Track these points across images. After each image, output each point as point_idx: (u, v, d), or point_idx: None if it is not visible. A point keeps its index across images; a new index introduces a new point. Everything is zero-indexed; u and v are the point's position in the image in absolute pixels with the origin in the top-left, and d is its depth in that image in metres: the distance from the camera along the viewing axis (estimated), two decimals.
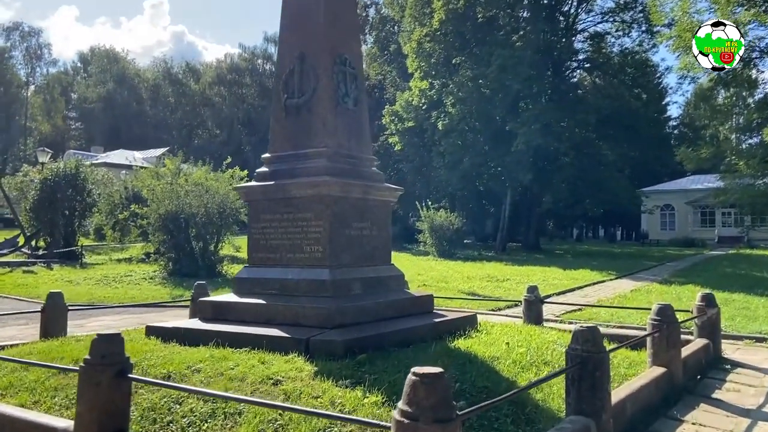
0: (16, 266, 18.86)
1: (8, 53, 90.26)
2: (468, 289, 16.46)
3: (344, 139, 7.29)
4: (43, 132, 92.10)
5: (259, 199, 7.31)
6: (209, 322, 6.93)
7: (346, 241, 6.95)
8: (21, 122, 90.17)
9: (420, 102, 35.71)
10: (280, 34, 7.75)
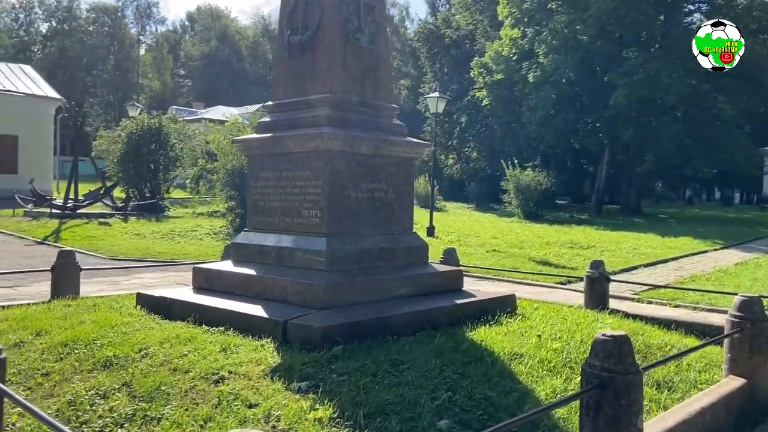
0: (94, 218, 19.34)
1: (120, 12, 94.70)
2: (542, 257, 14.93)
3: (354, 84, 6.13)
4: (153, 89, 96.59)
5: (256, 155, 6.36)
6: (200, 292, 6.15)
7: (352, 205, 5.87)
8: (134, 79, 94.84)
9: (510, 52, 33.28)
10: None
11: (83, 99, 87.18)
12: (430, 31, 44.52)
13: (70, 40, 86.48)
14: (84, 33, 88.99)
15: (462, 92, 41.38)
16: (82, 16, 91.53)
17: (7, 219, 19.19)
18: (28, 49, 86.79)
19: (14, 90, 31.31)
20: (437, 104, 19.40)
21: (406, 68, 66.84)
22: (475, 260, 13.69)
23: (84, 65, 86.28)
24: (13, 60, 53.86)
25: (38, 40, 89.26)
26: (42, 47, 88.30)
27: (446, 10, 48.88)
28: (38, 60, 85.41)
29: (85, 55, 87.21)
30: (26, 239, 15.54)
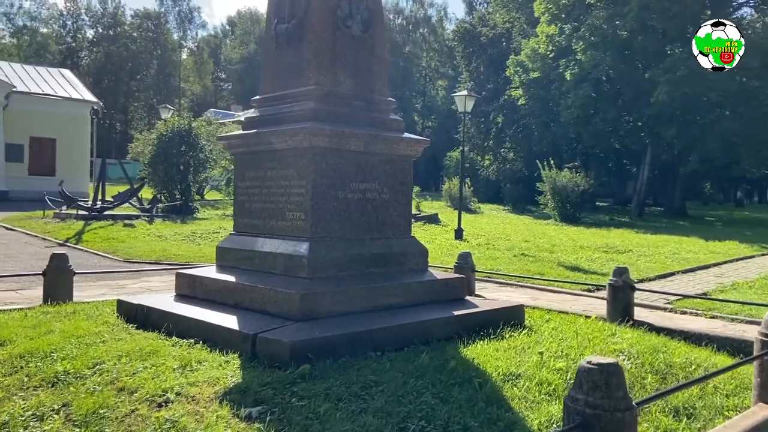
0: (120, 219, 19.36)
1: (163, 17, 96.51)
2: (572, 262, 14.17)
3: (345, 75, 5.65)
4: (194, 92, 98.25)
5: (241, 153, 5.94)
6: (181, 300, 5.76)
7: (340, 207, 5.39)
8: (175, 83, 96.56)
9: (547, 50, 32.26)
10: None
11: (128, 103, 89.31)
12: (466, 30, 43.72)
13: (115, 45, 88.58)
14: (128, 38, 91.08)
15: (498, 92, 40.47)
16: (126, 22, 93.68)
17: (37, 220, 19.38)
18: (76, 54, 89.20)
19: (53, 94, 31.93)
20: (465, 102, 18.77)
21: (443, 69, 66.13)
22: (500, 265, 13.06)
23: (128, 70, 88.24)
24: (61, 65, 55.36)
25: (85, 45, 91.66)
26: (89, 53, 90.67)
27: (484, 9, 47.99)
28: (85, 65, 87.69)
29: (130, 60, 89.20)
30: (49, 241, 15.57)
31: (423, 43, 67.57)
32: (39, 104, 31.16)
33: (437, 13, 68.34)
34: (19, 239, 15.93)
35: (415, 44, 67.28)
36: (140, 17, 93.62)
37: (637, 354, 5.22)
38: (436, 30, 67.12)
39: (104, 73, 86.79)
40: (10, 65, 34.54)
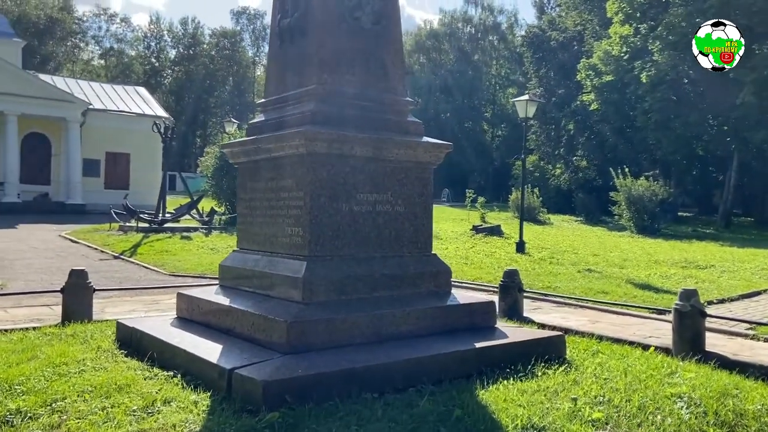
0: (179, 232, 19.52)
1: (239, 35, 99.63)
2: (644, 279, 12.89)
3: (352, 73, 5.01)
4: None
5: (243, 162, 5.40)
6: (179, 323, 5.28)
7: (344, 221, 4.74)
8: (250, 99, 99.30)
9: (621, 51, 30.50)
10: None
11: (206, 119, 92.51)
12: (535, 35, 42.28)
13: (194, 64, 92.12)
14: (206, 57, 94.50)
15: (569, 97, 38.78)
16: (205, 41, 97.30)
17: (102, 233, 19.83)
18: (159, 74, 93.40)
19: (127, 110, 33.10)
20: (527, 108, 17.76)
21: (514, 76, 64.51)
22: (561, 282, 12.01)
23: (206, 87, 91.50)
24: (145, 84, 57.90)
25: (167, 65, 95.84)
26: (170, 72, 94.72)
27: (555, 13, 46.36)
28: (167, 84, 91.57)
29: (208, 78, 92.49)
30: (106, 253, 15.74)
31: (492, 50, 66.13)
32: (114, 121, 32.39)
33: (507, 20, 66.84)
34: (78, 252, 16.22)
35: (484, 52, 65.95)
36: (217, 36, 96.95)
37: (699, 400, 4.26)
38: (506, 37, 65.56)
39: (184, 91, 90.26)
40: (89, 84, 36.16)
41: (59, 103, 29.42)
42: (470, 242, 19.66)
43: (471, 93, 62.44)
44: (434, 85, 62.48)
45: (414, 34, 70.49)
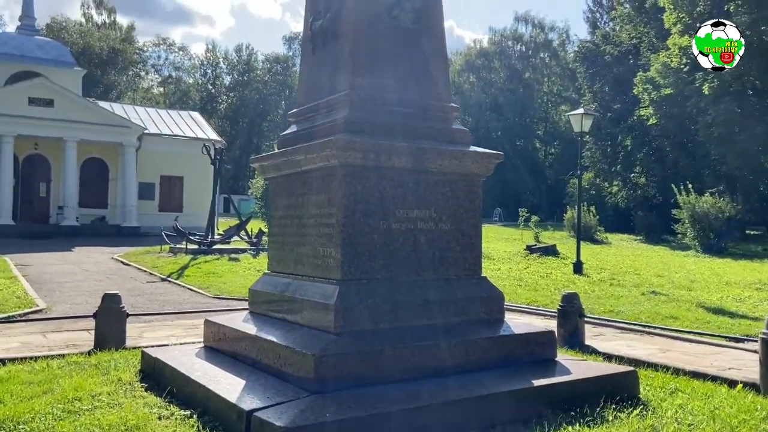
0: (227, 253, 19.44)
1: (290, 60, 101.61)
2: (715, 302, 11.86)
3: (390, 77, 4.54)
4: None
5: (273, 177, 4.98)
6: (205, 353, 4.86)
7: (382, 240, 4.24)
8: None
9: (680, 63, 29.14)
10: None
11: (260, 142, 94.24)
12: (589, 50, 41.15)
13: (248, 89, 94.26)
14: (260, 83, 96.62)
15: (625, 112, 37.41)
16: (258, 67, 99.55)
17: (153, 255, 19.94)
18: (214, 100, 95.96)
19: (181, 134, 33.73)
20: (582, 121, 16.95)
21: (566, 93, 63.16)
22: (624, 305, 11.15)
23: (260, 111, 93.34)
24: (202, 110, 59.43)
25: (222, 91, 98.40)
26: (226, 98, 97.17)
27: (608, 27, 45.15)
28: (222, 109, 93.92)
29: (261, 103, 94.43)
30: (154, 276, 15.70)
31: (544, 68, 64.99)
32: (169, 145, 33.01)
33: (558, 37, 65.61)
34: (127, 274, 16.24)
35: (535, 70, 64.87)
36: (270, 62, 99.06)
37: None
38: (557, 54, 64.36)
39: (239, 116, 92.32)
40: (145, 110, 37.15)
41: (116, 129, 30.19)
42: (524, 263, 18.83)
43: (522, 111, 61.39)
44: (484, 103, 61.78)
45: (463, 54, 70.07)
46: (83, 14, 77.00)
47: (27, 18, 34.27)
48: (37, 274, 15.63)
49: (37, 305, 11.03)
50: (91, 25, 76.27)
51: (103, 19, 78.90)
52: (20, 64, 31.28)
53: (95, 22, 77.72)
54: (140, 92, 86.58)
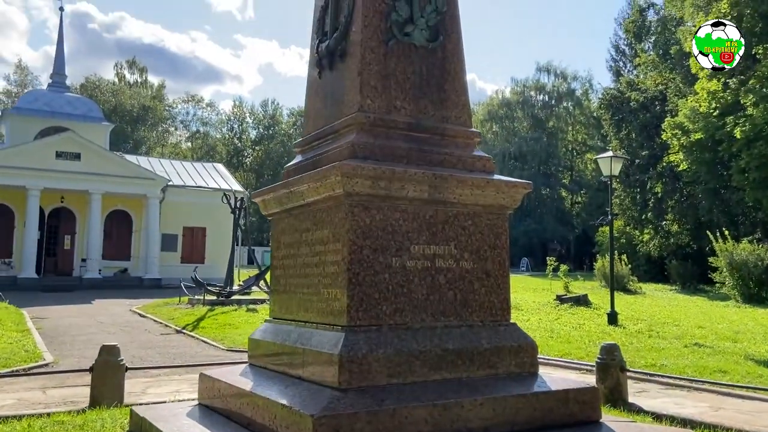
0: (245, 304, 18.97)
1: None
2: (765, 354, 10.92)
3: (403, 98, 4.09)
4: None
5: (275, 213, 4.50)
6: (198, 411, 4.29)
7: (394, 281, 3.69)
8: None
9: (709, 108, 28.52)
10: None
11: None
12: (614, 97, 40.78)
13: (273, 142, 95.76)
14: (284, 136, 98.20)
15: (654, 158, 36.66)
16: (283, 121, 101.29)
17: (172, 306, 19.55)
18: (240, 153, 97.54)
19: (205, 186, 33.85)
20: (611, 165, 16.37)
21: (591, 141, 62.68)
22: (666, 358, 10.28)
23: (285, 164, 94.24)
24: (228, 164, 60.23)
25: (248, 145, 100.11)
26: (251, 151, 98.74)
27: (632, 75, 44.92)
28: (248, 163, 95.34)
29: (286, 155, 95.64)
30: (169, 328, 15.23)
31: (567, 116, 64.77)
32: (192, 196, 33.12)
33: (581, 86, 65.60)
34: (142, 326, 15.80)
35: (559, 119, 64.68)
36: (295, 115, 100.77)
37: None
38: (581, 102, 64.19)
39: (264, 168, 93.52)
40: (170, 162, 37.55)
41: (141, 181, 30.40)
42: (554, 313, 17.95)
43: (547, 159, 60.96)
44: (508, 152, 61.50)
45: (486, 104, 70.35)
46: (116, 74, 79.56)
47: (58, 75, 35.26)
48: (52, 327, 15.29)
49: (44, 359, 10.61)
50: (123, 84, 78.68)
51: (135, 79, 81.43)
52: (50, 119, 31.99)
53: (127, 81, 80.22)
54: (169, 147, 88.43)
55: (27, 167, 27.18)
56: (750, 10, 27.22)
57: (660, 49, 39.31)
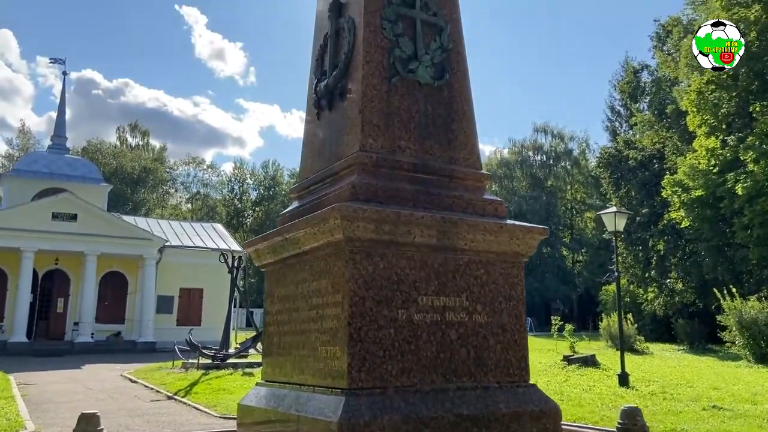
0: (241, 367, 18.24)
1: None
2: None
3: (408, 138, 3.80)
4: None
5: (269, 263, 4.14)
6: None
7: (399, 336, 3.30)
8: None
9: (708, 165, 28.50)
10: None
11: None
12: (611, 155, 40.97)
13: (274, 203, 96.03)
14: (285, 196, 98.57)
15: (655, 216, 36.43)
16: (284, 181, 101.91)
17: (165, 371, 18.81)
18: (241, 214, 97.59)
19: (203, 246, 33.47)
20: (615, 221, 16.06)
21: (590, 200, 62.78)
22: (685, 423, 9.69)
23: None
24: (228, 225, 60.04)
25: (248, 206, 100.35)
26: (252, 212, 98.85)
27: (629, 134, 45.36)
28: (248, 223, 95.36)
29: None
30: (161, 393, 14.51)
31: (566, 176, 65.17)
32: (189, 256, 32.66)
33: (579, 146, 66.29)
34: (132, 392, 15.08)
35: (557, 178, 65.06)
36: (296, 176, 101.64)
37: None
38: (578, 162, 64.74)
39: (265, 229, 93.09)
40: (168, 222, 37.29)
41: (138, 242, 30.03)
42: (562, 374, 17.25)
43: (547, 218, 60.82)
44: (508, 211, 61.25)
45: (485, 164, 70.55)
46: (118, 137, 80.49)
47: (58, 138, 35.44)
48: (38, 393, 14.59)
49: (26, 428, 9.98)
50: (125, 147, 79.46)
51: (137, 142, 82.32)
52: (48, 181, 31.90)
53: (129, 144, 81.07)
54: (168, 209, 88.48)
55: (22, 229, 26.87)
56: (745, 68, 27.57)
57: (655, 108, 39.78)
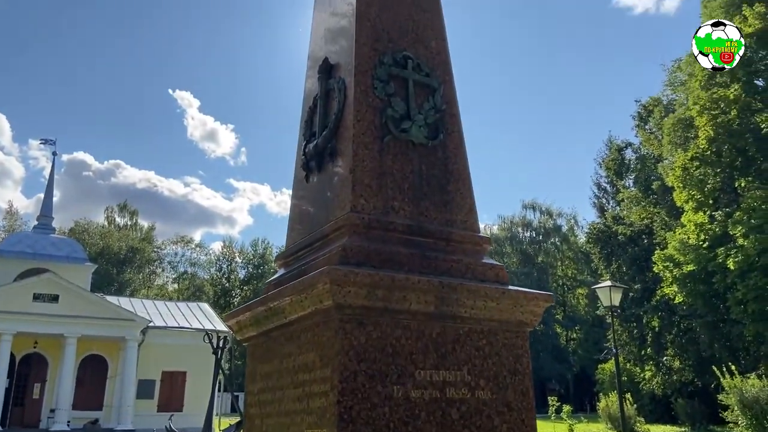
0: None
1: None
2: None
3: (401, 199, 3.58)
4: None
5: (252, 337, 3.80)
6: None
7: (395, 416, 2.94)
8: None
9: (698, 240, 28.58)
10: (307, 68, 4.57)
11: None
12: (601, 231, 41.16)
13: (262, 281, 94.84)
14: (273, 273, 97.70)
15: (648, 292, 36.16)
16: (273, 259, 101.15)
17: None
18: (228, 293, 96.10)
19: (187, 326, 32.57)
20: (611, 295, 15.79)
21: (581, 276, 62.56)
22: None
23: None
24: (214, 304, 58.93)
25: (236, 285, 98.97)
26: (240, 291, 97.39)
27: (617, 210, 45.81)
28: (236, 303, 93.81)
29: None
30: None
31: (556, 252, 65.25)
32: (173, 337, 31.71)
33: (567, 222, 66.80)
34: None
35: (547, 254, 65.10)
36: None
37: None
38: (567, 238, 65.03)
39: None
40: (153, 302, 36.46)
41: (120, 323, 29.20)
42: None
43: None
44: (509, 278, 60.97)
45: None
46: (107, 217, 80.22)
47: (44, 218, 35.13)
48: None
49: None
50: (112, 227, 79.04)
51: (126, 222, 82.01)
52: (32, 261, 31.29)
53: (117, 224, 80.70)
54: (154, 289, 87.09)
55: (1, 310, 26.07)
56: (728, 145, 28.15)
57: (641, 184, 40.32)
